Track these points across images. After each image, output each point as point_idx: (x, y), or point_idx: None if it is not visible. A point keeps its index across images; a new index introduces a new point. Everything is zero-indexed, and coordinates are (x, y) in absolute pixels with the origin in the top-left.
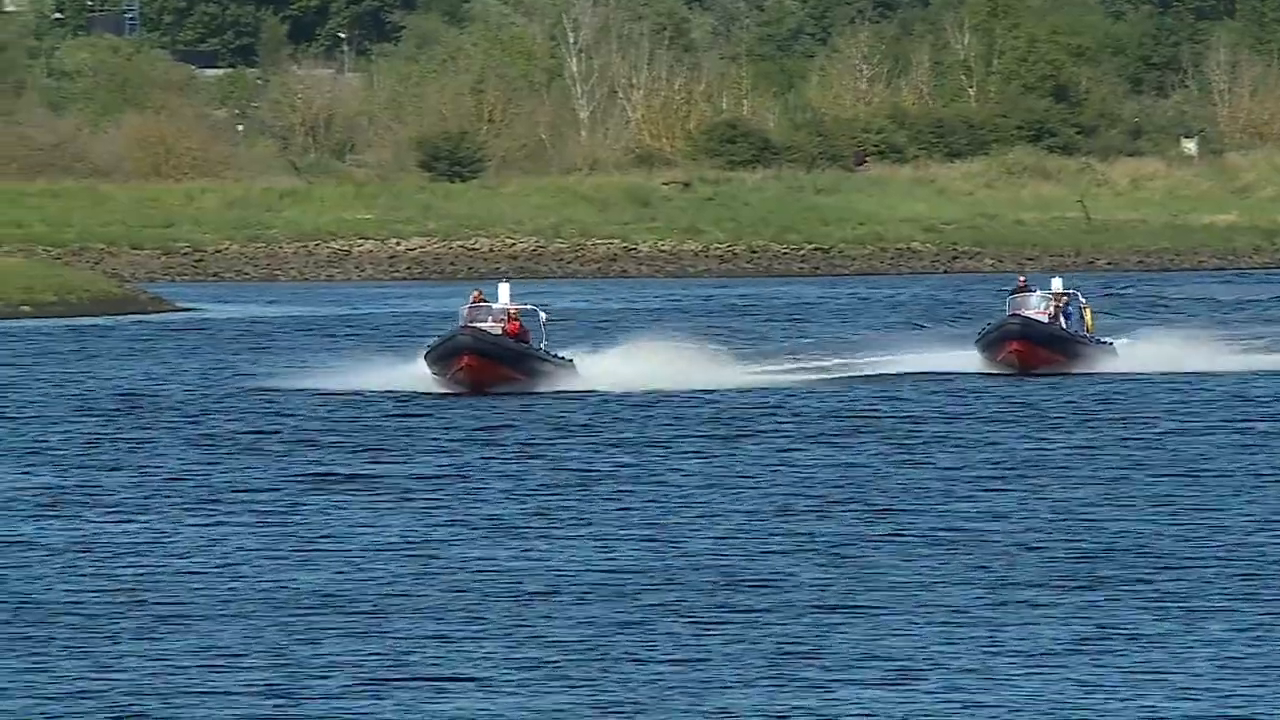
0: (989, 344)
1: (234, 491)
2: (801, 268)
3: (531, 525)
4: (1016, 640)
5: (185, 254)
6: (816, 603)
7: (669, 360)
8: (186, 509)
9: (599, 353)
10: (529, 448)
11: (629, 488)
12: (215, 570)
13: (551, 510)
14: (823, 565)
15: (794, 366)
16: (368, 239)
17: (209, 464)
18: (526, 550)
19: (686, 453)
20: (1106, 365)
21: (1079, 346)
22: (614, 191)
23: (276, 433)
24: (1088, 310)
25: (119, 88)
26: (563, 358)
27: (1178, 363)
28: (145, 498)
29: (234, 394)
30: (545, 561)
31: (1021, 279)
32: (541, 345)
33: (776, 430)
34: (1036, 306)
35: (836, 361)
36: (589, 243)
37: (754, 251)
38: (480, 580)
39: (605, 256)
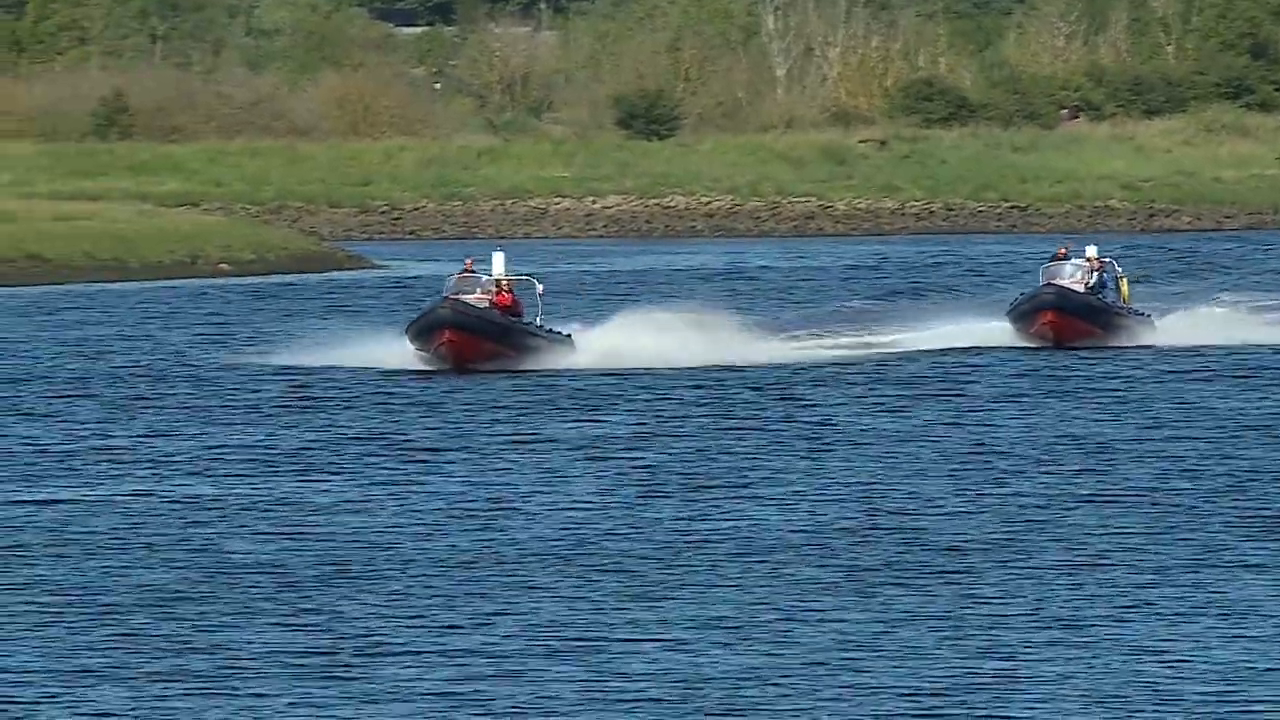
0: (1021, 315)
1: (412, 451)
2: (998, 225)
3: (722, 487)
4: (1220, 599)
5: (383, 212)
6: (1015, 564)
7: (680, 335)
8: (367, 472)
9: (600, 325)
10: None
11: (795, 450)
12: (400, 529)
13: (742, 472)
14: (1013, 526)
15: (823, 342)
16: (564, 197)
17: (387, 423)
18: (722, 511)
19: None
20: (1144, 338)
21: (1116, 318)
22: (810, 149)
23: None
24: (1124, 281)
25: (317, 46)
26: (560, 332)
27: (1219, 336)
28: (324, 459)
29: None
30: (739, 522)
31: (1062, 249)
32: (537, 318)
33: (951, 393)
34: (1071, 275)
35: (861, 337)
36: (785, 201)
37: (950, 209)
38: (673, 539)
39: (801, 215)
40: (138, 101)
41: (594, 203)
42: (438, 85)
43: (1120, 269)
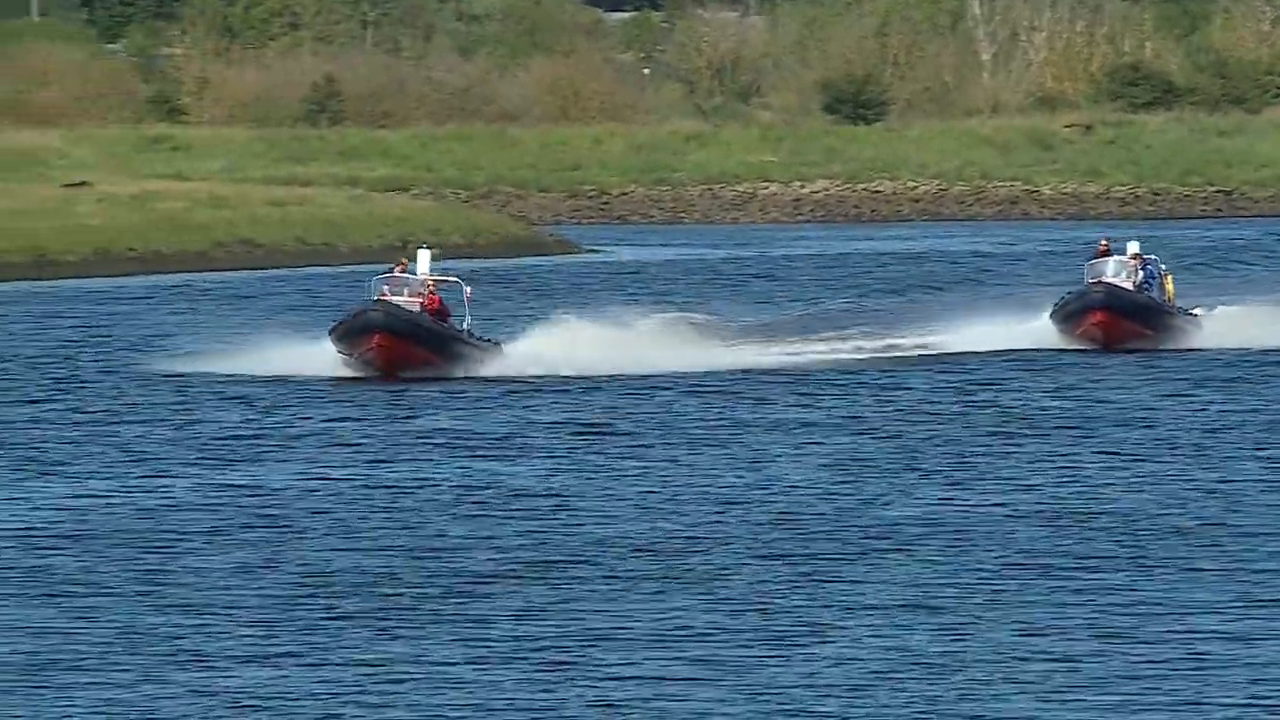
0: (1069, 315)
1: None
2: (1204, 210)
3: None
4: None
5: (591, 196)
6: (1206, 551)
7: (617, 340)
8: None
9: (538, 331)
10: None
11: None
12: (565, 516)
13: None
14: (1200, 515)
15: (821, 347)
16: (772, 182)
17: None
18: (863, 501)
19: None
20: (1194, 339)
21: (1167, 318)
22: (1015, 134)
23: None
24: (1169, 278)
25: (527, 31)
26: (488, 339)
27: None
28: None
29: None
30: (881, 512)
31: (1104, 242)
32: (466, 321)
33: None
34: (1116, 274)
35: (873, 342)
36: (990, 185)
37: (1156, 194)
38: (808, 527)
39: (1006, 199)
40: (349, 87)
41: (801, 188)
42: (646, 71)
43: (1164, 266)
